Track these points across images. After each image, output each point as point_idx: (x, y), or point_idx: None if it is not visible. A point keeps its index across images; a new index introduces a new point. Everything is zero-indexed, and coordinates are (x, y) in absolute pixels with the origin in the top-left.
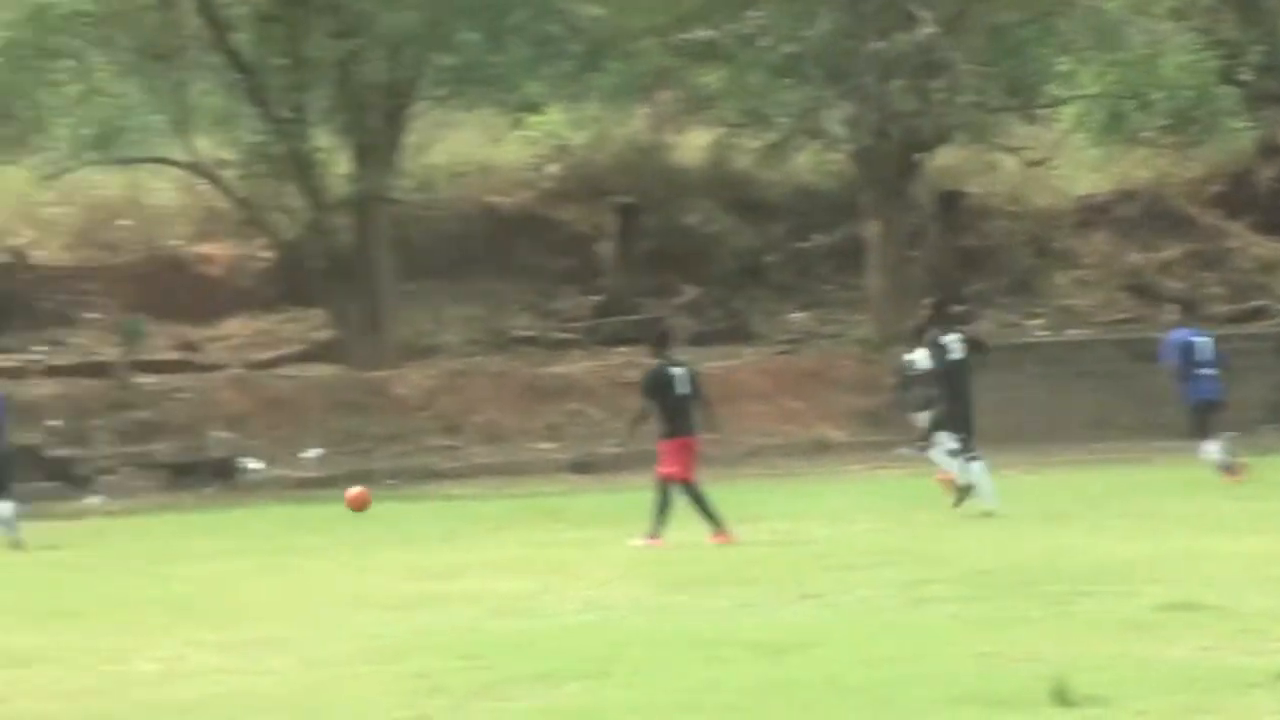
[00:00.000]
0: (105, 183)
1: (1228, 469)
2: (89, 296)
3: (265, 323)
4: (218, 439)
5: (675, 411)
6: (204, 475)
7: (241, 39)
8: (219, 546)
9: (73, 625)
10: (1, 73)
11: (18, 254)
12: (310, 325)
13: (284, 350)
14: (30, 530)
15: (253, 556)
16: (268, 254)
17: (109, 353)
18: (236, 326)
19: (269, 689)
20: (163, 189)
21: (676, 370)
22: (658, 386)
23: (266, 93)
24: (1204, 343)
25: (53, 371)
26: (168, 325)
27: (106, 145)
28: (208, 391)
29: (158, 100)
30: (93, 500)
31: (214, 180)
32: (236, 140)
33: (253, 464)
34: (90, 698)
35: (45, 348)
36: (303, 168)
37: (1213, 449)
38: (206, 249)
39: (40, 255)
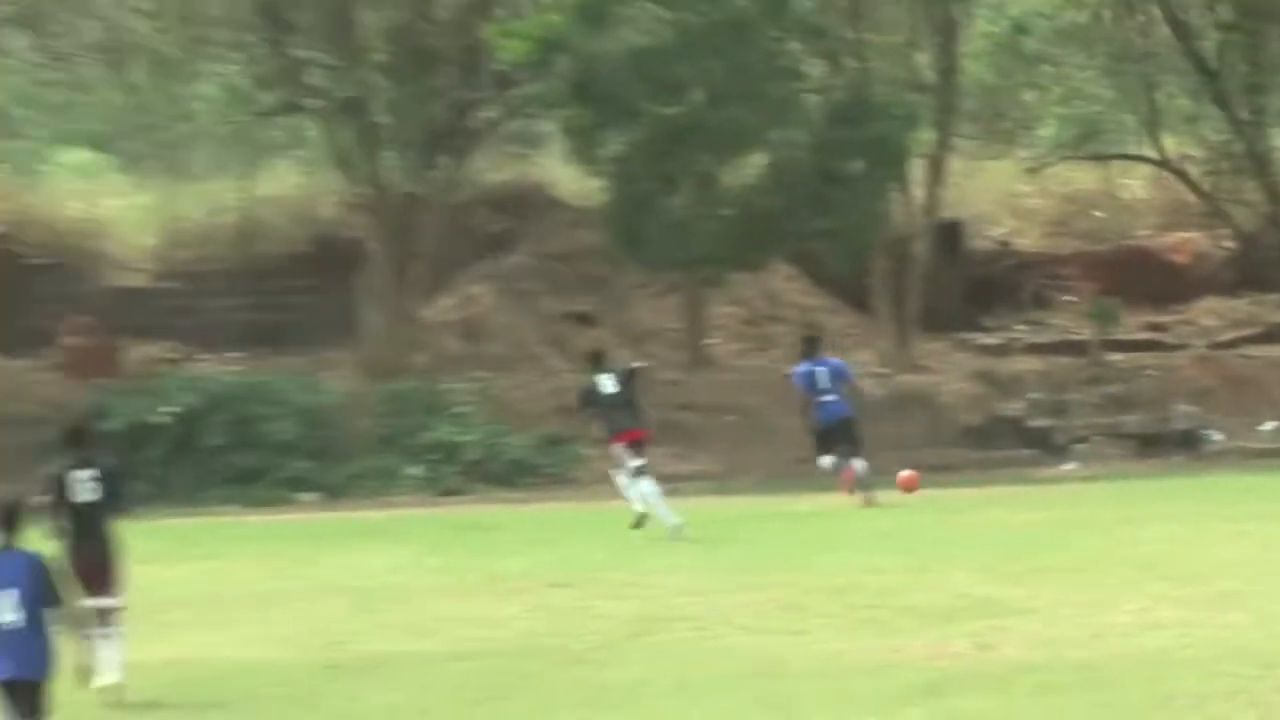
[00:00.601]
0: (1080, 177)
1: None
2: (1065, 281)
3: (1227, 306)
4: (1182, 412)
5: None
6: (1169, 445)
7: (1205, 45)
8: (1182, 510)
9: (1049, 580)
10: (989, 76)
11: (1002, 241)
12: (1270, 308)
13: (1245, 331)
14: (1009, 493)
15: (1214, 521)
16: (1229, 244)
17: (1084, 332)
18: (1200, 310)
19: (1228, 640)
20: (1133, 183)
21: None
22: None
23: (1228, 95)
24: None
25: (1033, 349)
26: (1136, 308)
27: (1084, 142)
28: (1173, 369)
29: (1129, 101)
30: (1068, 467)
31: (1180, 175)
32: (1200, 139)
33: (1215, 435)
34: (1068, 647)
35: (1025, 327)
36: (1260, 165)
37: (826, 462)
38: (1173, 239)
39: (1021, 243)
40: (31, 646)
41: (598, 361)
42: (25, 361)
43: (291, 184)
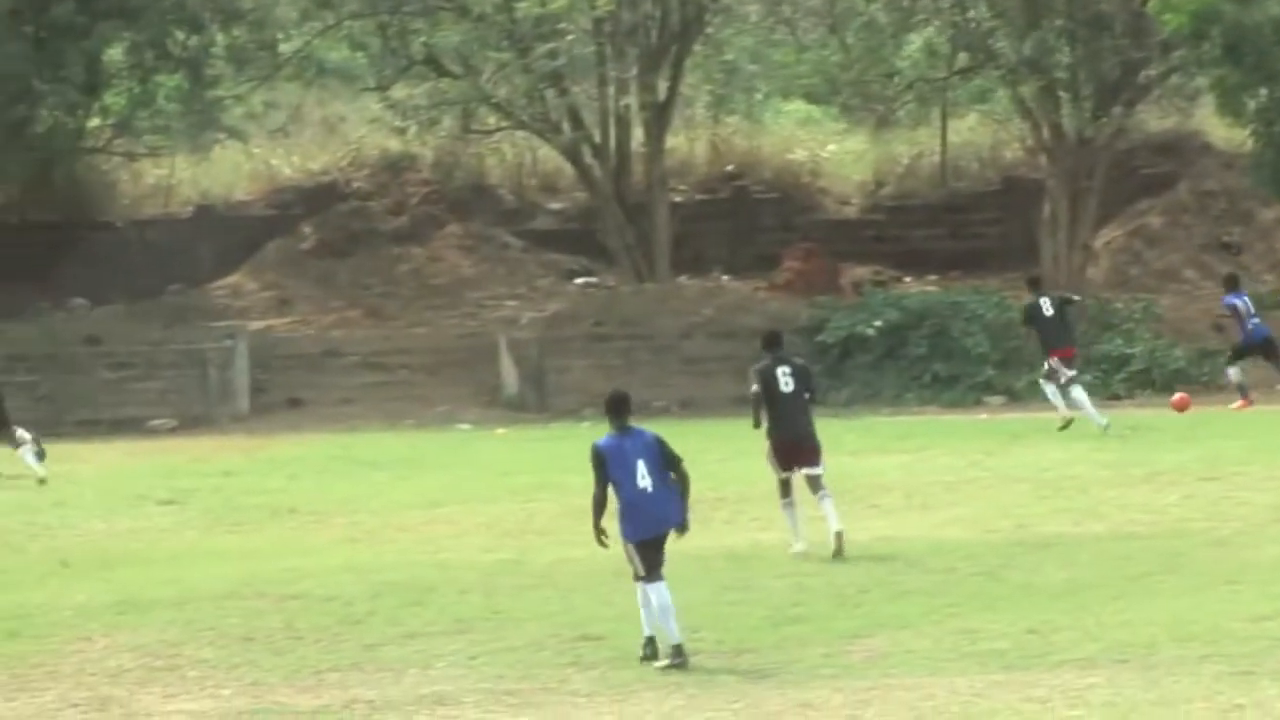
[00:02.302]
0: None
1: None
2: None
3: None
4: None
5: None
6: None
7: None
8: None
9: None
10: None
11: None
12: None
13: None
14: None
15: None
16: None
17: None
18: None
19: None
20: None
21: None
22: None
23: None
24: None
25: None
26: None
27: None
28: None
29: None
30: None
31: None
32: None
33: None
34: None
35: None
36: None
37: None
38: None
39: None
40: (666, 504)
41: (1036, 286)
42: (754, 282)
43: (981, 131)
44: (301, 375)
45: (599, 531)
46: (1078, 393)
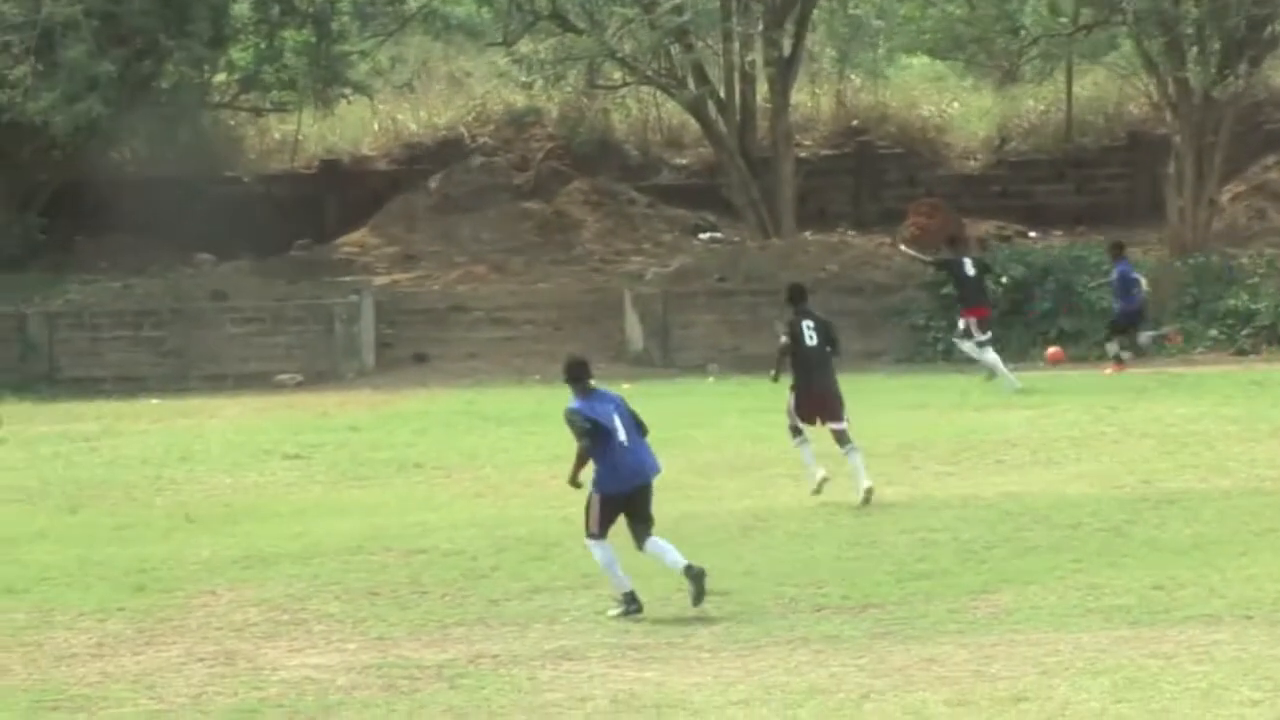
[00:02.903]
0: None
1: None
2: None
3: None
4: None
5: None
6: None
7: None
8: None
9: None
10: None
11: None
12: None
13: None
14: None
15: None
16: None
17: None
18: None
19: None
20: None
21: None
22: None
23: None
24: None
25: None
26: None
27: None
28: None
29: None
30: None
31: None
32: None
33: None
34: None
35: None
36: None
37: None
38: None
39: None
40: (643, 455)
41: (954, 245)
42: (878, 237)
43: (1106, 86)
44: (427, 330)
45: (575, 480)
46: (989, 355)
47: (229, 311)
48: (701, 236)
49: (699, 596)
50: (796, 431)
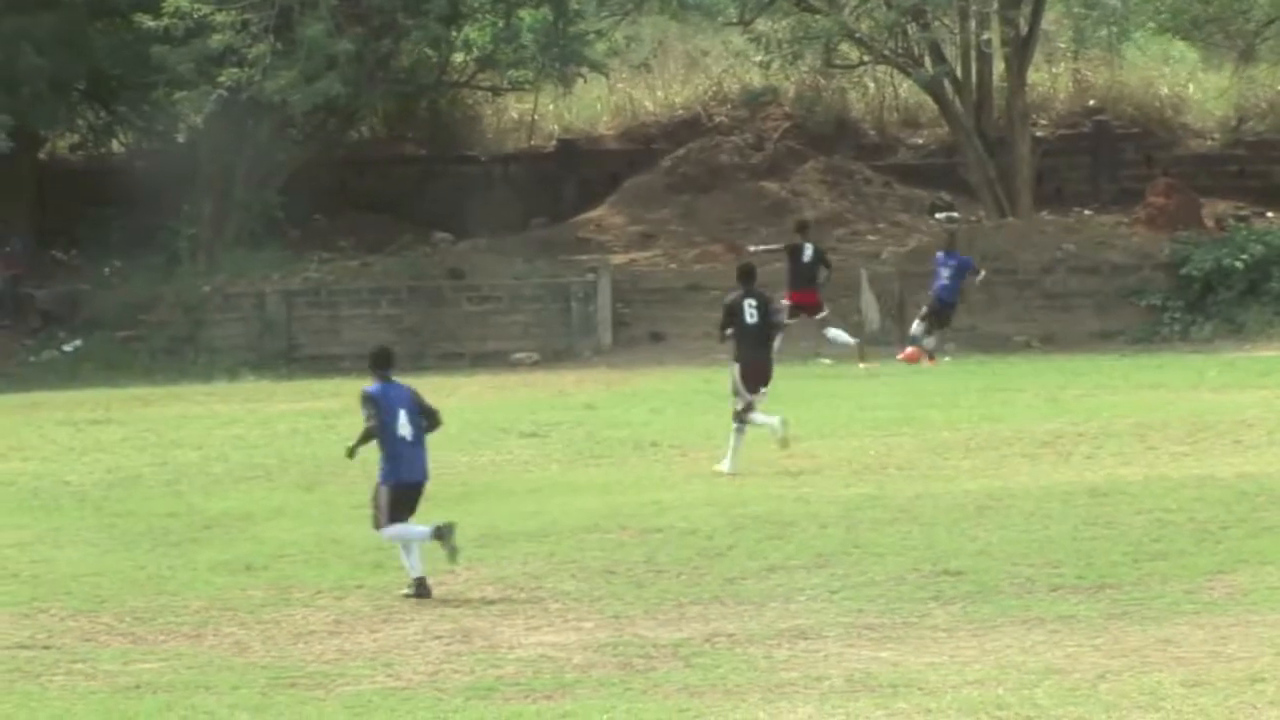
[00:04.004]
0: None
1: None
2: None
3: None
4: None
5: None
6: None
7: None
8: None
9: None
10: None
11: None
12: None
13: None
14: None
15: None
16: None
17: None
18: None
19: None
20: None
21: None
22: None
23: None
24: None
25: None
26: None
27: None
28: None
29: None
30: None
31: None
32: None
33: None
34: None
35: None
36: None
37: None
38: None
39: None
40: (421, 455)
41: (804, 231)
42: (1115, 217)
43: None
44: (663, 309)
45: (353, 451)
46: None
47: (466, 290)
48: (938, 216)
49: (452, 554)
50: (742, 416)
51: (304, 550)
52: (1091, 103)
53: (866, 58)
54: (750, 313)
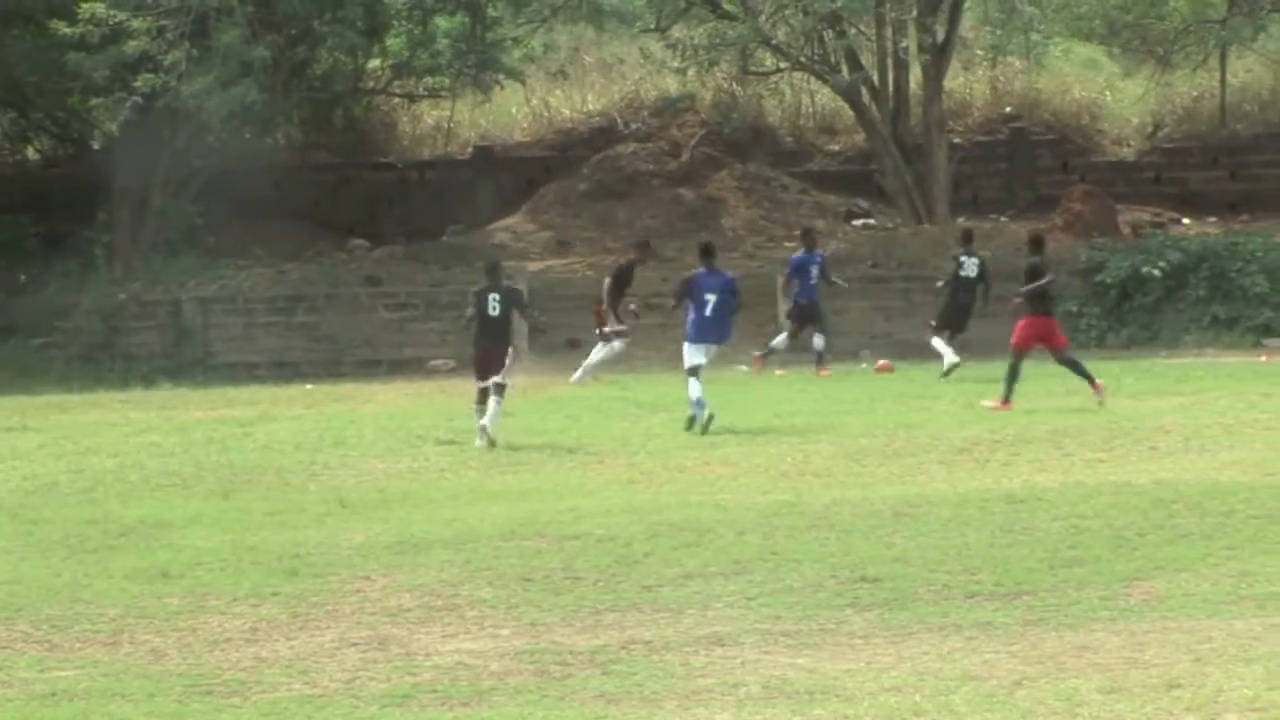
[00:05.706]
0: None
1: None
2: None
3: None
4: None
5: None
6: None
7: None
8: None
9: None
10: None
11: None
12: None
13: None
14: None
15: None
16: None
17: None
18: None
19: None
20: None
21: None
22: None
23: None
24: None
25: None
26: None
27: None
28: None
29: None
30: None
31: None
32: None
33: None
34: None
35: None
36: None
37: None
38: None
39: None
40: None
41: (642, 249)
42: (1032, 223)
43: (1261, 73)
44: (580, 316)
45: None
46: (599, 354)
47: (382, 297)
48: (854, 223)
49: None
50: (482, 398)
51: (220, 558)
52: (1008, 109)
53: (783, 64)
54: (493, 305)
